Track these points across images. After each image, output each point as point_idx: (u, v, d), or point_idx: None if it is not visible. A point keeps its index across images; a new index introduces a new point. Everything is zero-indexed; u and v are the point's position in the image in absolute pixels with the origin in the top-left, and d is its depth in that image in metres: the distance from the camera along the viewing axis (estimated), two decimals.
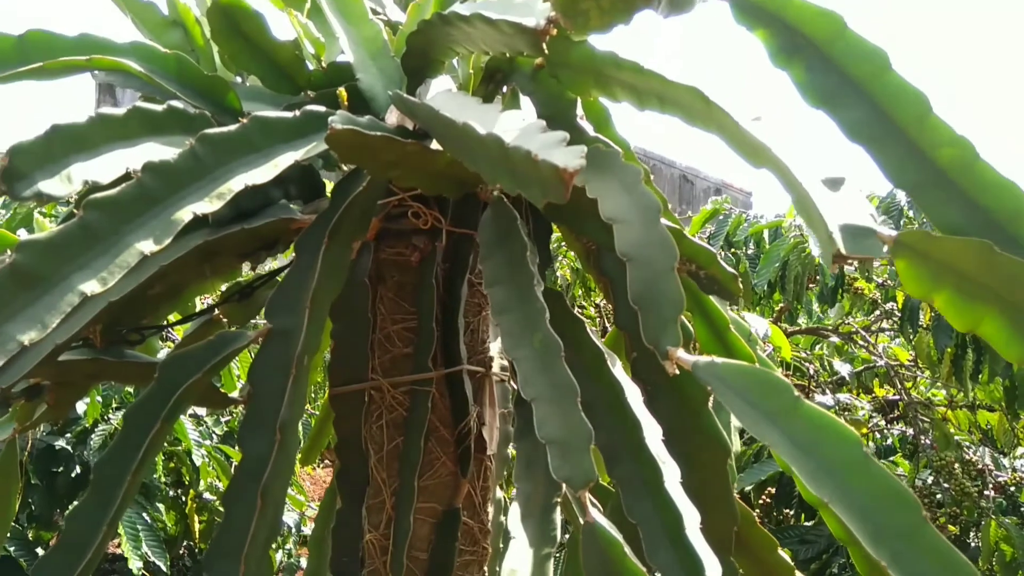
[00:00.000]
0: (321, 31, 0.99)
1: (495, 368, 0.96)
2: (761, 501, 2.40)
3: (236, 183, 0.66)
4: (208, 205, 0.65)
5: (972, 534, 2.54)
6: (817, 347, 2.92)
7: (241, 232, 0.78)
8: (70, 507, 1.99)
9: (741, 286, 0.78)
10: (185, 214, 0.63)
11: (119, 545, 1.85)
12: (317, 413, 1.73)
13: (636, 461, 0.68)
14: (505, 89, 0.99)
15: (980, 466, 2.31)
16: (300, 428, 0.90)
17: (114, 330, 0.88)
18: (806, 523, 2.43)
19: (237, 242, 0.83)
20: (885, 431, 3.33)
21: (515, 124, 0.54)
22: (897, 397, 2.88)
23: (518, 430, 0.73)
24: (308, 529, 2.48)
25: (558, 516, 0.67)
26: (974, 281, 0.58)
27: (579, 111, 0.93)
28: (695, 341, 0.95)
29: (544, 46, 0.63)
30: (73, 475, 2.09)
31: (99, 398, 1.89)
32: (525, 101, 0.96)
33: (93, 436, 2.02)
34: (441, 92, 0.74)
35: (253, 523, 0.64)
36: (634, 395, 0.73)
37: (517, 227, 0.73)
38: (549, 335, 0.65)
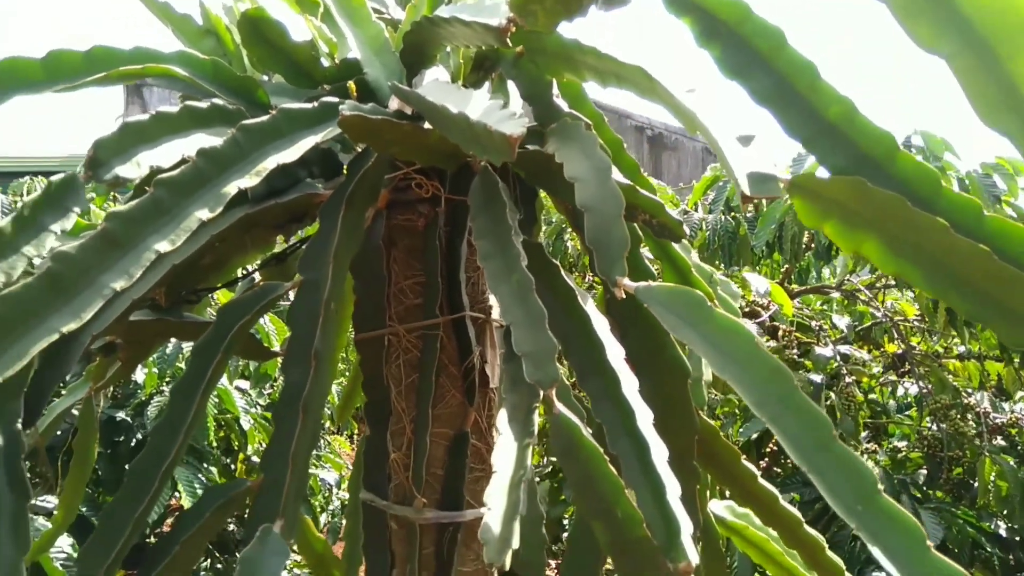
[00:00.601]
0: (333, 32, 1.15)
1: (494, 315, 1.12)
2: (768, 448, 2.54)
3: (269, 162, 0.83)
4: (248, 181, 0.82)
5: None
6: (821, 305, 3.04)
7: (275, 206, 0.95)
8: None
9: (686, 230, 0.93)
10: (231, 188, 0.80)
11: (180, 500, 2.06)
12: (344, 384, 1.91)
13: (600, 375, 0.83)
14: (493, 75, 1.15)
15: (978, 409, 2.42)
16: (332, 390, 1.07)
17: (175, 292, 1.06)
18: None
19: (272, 215, 1.00)
20: (899, 385, 3.43)
21: (481, 105, 0.70)
22: (903, 352, 2.99)
23: (505, 356, 0.89)
24: (345, 493, 2.68)
25: (535, 419, 0.83)
26: (853, 212, 0.73)
27: (555, 91, 1.08)
28: (661, 279, 1.10)
29: (508, 40, 0.79)
30: (133, 443, 2.31)
31: (155, 370, 2.09)
32: (510, 84, 1.12)
33: (150, 407, 2.24)
34: (430, 82, 0.90)
35: (297, 431, 0.81)
36: (601, 325, 0.89)
37: (499, 191, 0.89)
38: (524, 274, 0.80)
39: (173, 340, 1.98)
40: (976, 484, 2.42)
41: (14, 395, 0.78)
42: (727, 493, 1.23)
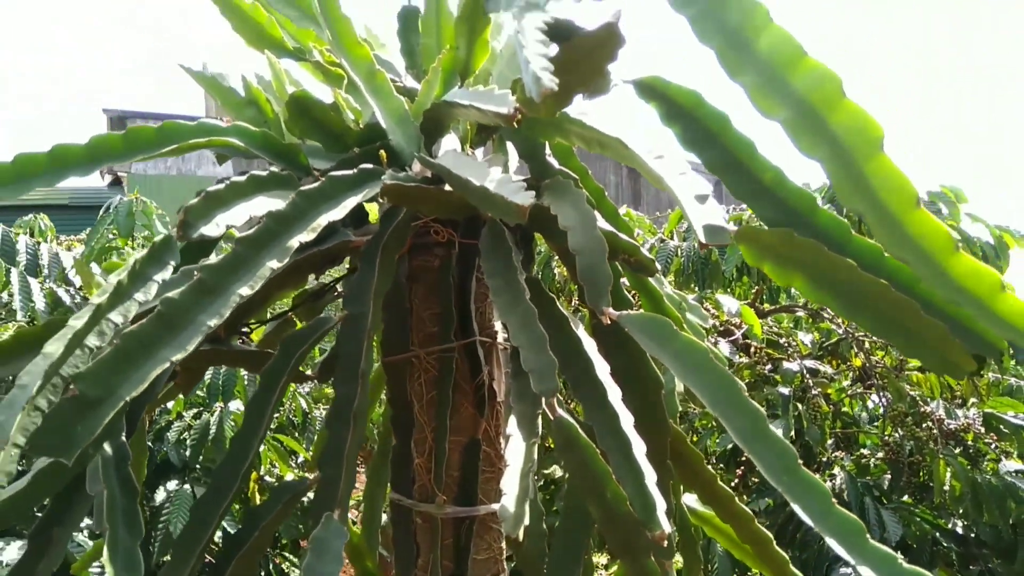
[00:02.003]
0: (358, 102, 1.36)
1: (499, 339, 1.33)
2: (744, 458, 2.75)
3: (322, 220, 1.03)
4: (306, 236, 1.02)
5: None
6: (787, 323, 3.26)
7: (317, 252, 1.16)
8: (154, 493, 2.37)
9: (658, 267, 1.14)
10: (294, 242, 1.00)
11: None
12: None
13: (591, 386, 1.04)
14: (494, 137, 1.36)
15: (933, 416, 2.65)
16: None
17: (231, 326, 1.25)
18: None
19: (313, 259, 1.20)
20: (867, 397, 3.65)
21: (495, 177, 0.91)
22: (868, 365, 3.21)
23: (512, 373, 1.09)
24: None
25: (540, 422, 1.03)
26: (784, 255, 0.94)
27: (547, 150, 1.30)
28: (639, 308, 1.31)
29: (515, 123, 1.00)
30: (153, 467, 2.47)
31: (180, 396, 2.27)
32: (509, 144, 1.34)
33: (170, 433, 2.40)
34: (449, 151, 1.11)
35: (349, 437, 1.01)
36: (590, 345, 1.09)
37: (505, 237, 1.10)
38: (528, 306, 1.01)
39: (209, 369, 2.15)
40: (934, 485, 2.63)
41: (120, 414, 0.97)
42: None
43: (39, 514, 1.09)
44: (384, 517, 1.79)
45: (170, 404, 2.32)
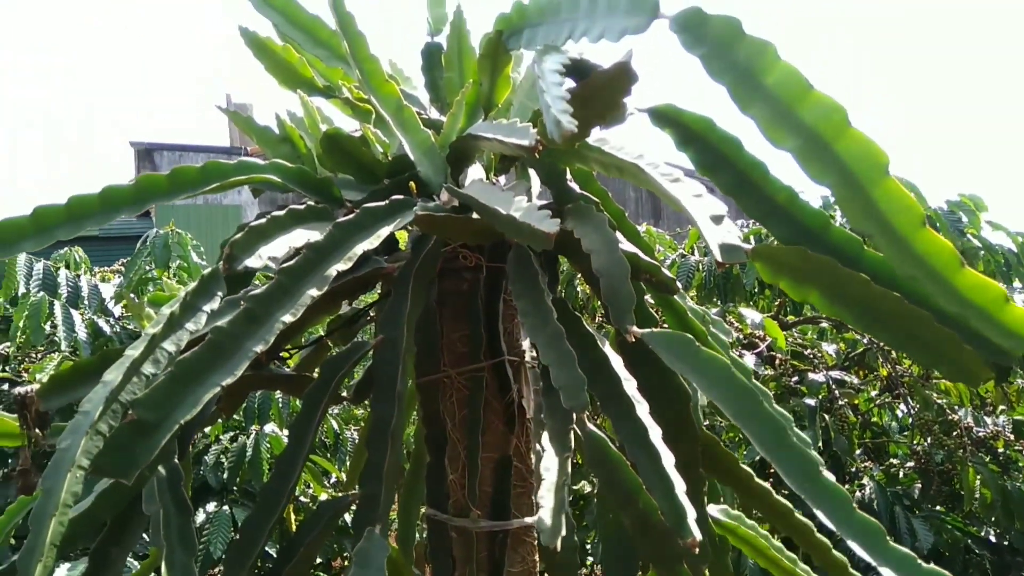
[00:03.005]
0: (386, 135, 1.42)
1: (527, 358, 1.37)
2: (772, 470, 2.76)
3: (357, 249, 1.09)
4: (343, 265, 1.07)
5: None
6: (810, 335, 3.27)
7: (352, 279, 1.22)
8: (196, 513, 2.43)
9: (679, 285, 1.19)
10: (332, 271, 1.06)
11: None
12: None
13: (619, 402, 1.08)
14: (516, 164, 1.42)
15: (961, 424, 2.65)
16: None
17: (271, 352, 1.31)
18: None
19: (347, 286, 1.26)
20: (896, 407, 3.64)
21: (521, 205, 0.96)
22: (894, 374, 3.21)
23: (543, 390, 1.13)
24: None
25: (572, 437, 1.07)
26: (799, 271, 0.98)
27: (568, 176, 1.35)
28: (664, 323, 1.35)
29: (536, 154, 1.05)
30: (192, 490, 2.53)
31: (219, 420, 2.34)
32: (531, 171, 1.39)
33: (208, 455, 2.47)
34: (476, 181, 1.16)
35: (388, 455, 1.06)
36: (617, 362, 1.14)
37: (531, 261, 1.15)
38: (556, 326, 1.06)
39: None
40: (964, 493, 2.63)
41: (175, 437, 1.03)
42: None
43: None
44: (418, 535, 1.84)
45: (207, 428, 2.39)
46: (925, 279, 0.76)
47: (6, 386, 2.48)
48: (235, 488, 2.49)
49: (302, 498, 2.62)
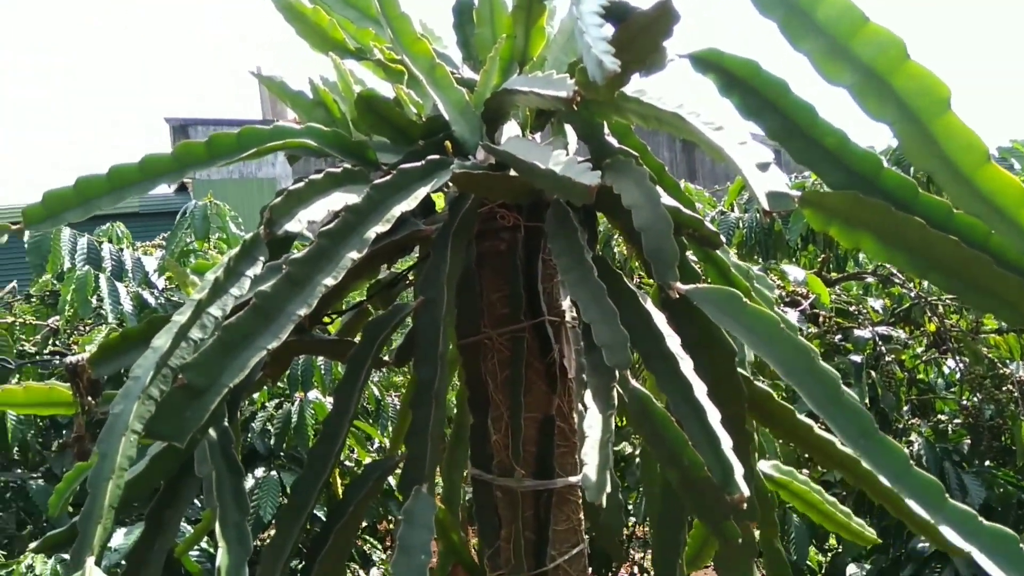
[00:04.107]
0: (420, 95, 1.40)
1: (567, 317, 1.36)
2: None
3: (396, 210, 1.08)
4: (382, 227, 1.07)
5: None
6: (856, 290, 3.20)
7: (390, 243, 1.21)
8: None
9: (722, 239, 1.16)
10: (371, 233, 1.05)
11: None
12: None
13: (662, 359, 1.06)
14: (552, 120, 1.39)
15: (1014, 378, 2.58)
16: None
17: (314, 317, 1.32)
18: None
19: (387, 249, 1.25)
20: (943, 363, 3.56)
21: (560, 159, 0.94)
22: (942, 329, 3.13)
23: (584, 348, 1.12)
24: None
25: (615, 394, 1.06)
26: (850, 217, 0.95)
27: (606, 130, 1.32)
28: (706, 279, 1.32)
29: (575, 105, 1.03)
30: (240, 456, 2.59)
31: (265, 387, 2.38)
32: (568, 127, 1.36)
33: (254, 423, 2.52)
34: (512, 138, 1.14)
35: (432, 416, 1.06)
36: (659, 319, 1.12)
37: (570, 218, 1.13)
38: (597, 283, 1.04)
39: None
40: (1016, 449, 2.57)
41: (222, 401, 1.04)
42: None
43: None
44: (462, 498, 1.85)
45: (255, 395, 2.43)
46: (991, 217, 0.73)
47: (57, 359, 2.55)
48: (282, 453, 2.54)
49: (347, 463, 2.66)
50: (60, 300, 2.32)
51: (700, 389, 1.02)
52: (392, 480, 2.80)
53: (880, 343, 2.78)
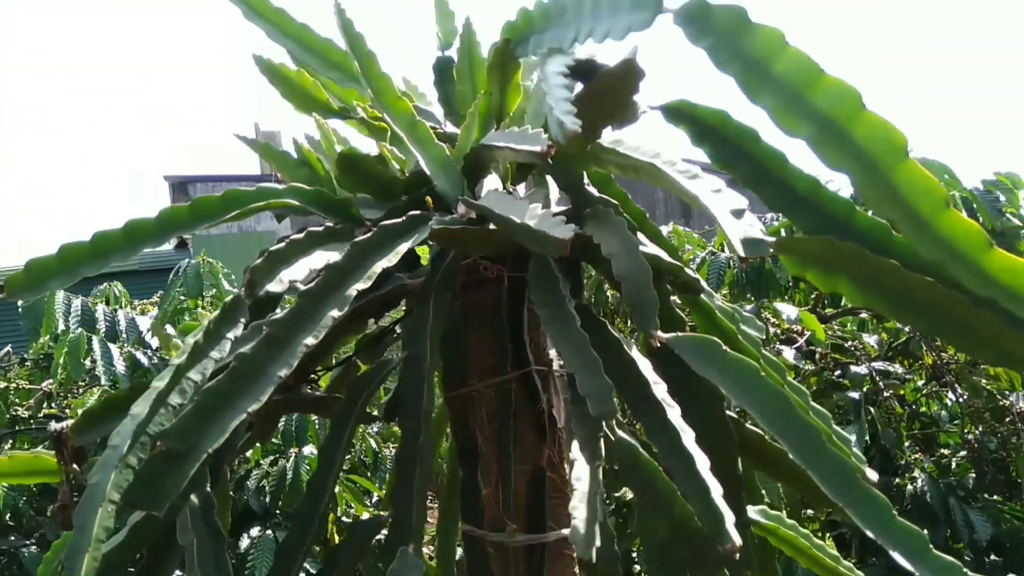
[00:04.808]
0: (402, 152, 1.42)
1: (555, 366, 1.36)
2: None
3: (376, 267, 1.08)
4: (362, 284, 1.07)
5: None
6: (850, 326, 3.20)
7: (374, 298, 1.21)
8: (239, 540, 2.46)
9: (703, 284, 1.16)
10: (352, 291, 1.05)
11: None
12: None
13: (648, 405, 1.06)
14: (534, 172, 1.41)
15: (1014, 409, 2.56)
16: None
17: (300, 375, 1.31)
18: None
19: (371, 304, 1.26)
20: (945, 396, 3.54)
21: (536, 213, 0.95)
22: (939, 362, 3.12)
23: (571, 399, 1.12)
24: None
25: (601, 445, 1.05)
26: (826, 261, 0.95)
27: (586, 179, 1.34)
28: (691, 326, 1.32)
29: (549, 159, 1.04)
30: (236, 515, 2.56)
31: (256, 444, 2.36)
32: (549, 178, 1.38)
33: (249, 481, 2.49)
34: (491, 192, 1.15)
35: (417, 474, 1.05)
36: (645, 366, 1.11)
37: (552, 268, 1.13)
38: (579, 333, 1.04)
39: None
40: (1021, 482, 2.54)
41: (204, 465, 1.03)
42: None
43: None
44: (459, 551, 1.82)
45: (248, 453, 2.41)
46: (952, 263, 0.73)
47: (52, 422, 2.53)
48: (278, 511, 2.51)
49: (344, 518, 2.63)
50: (53, 363, 2.32)
51: (688, 436, 1.01)
52: None
53: (878, 378, 2.77)
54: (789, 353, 2.96)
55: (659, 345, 1.01)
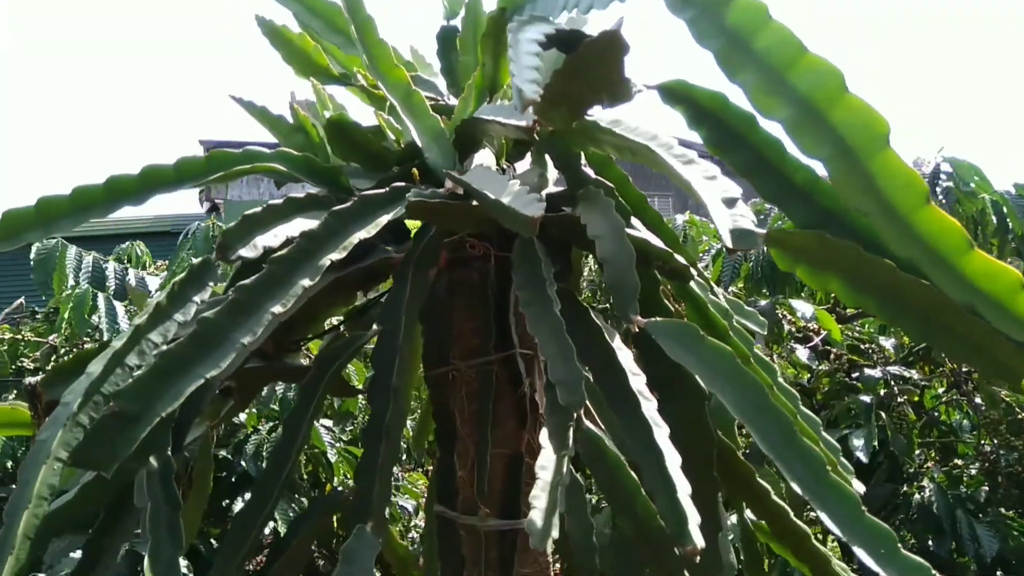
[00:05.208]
0: (398, 122, 1.38)
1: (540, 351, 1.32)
2: None
3: (353, 238, 1.05)
4: (338, 254, 1.04)
5: None
6: (867, 328, 3.11)
7: (357, 270, 1.18)
8: (233, 504, 2.47)
9: (693, 272, 1.11)
10: (326, 261, 1.02)
11: (277, 531, 2.29)
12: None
13: (623, 397, 1.02)
14: (532, 149, 1.36)
15: None
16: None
17: (279, 344, 1.29)
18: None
19: (354, 276, 1.23)
20: (963, 404, 3.43)
21: (513, 189, 0.91)
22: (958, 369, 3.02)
23: (546, 385, 1.08)
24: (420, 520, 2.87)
25: (571, 435, 1.02)
26: (818, 258, 0.90)
27: (583, 160, 1.29)
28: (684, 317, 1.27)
29: (535, 135, 1.00)
30: (233, 479, 2.57)
31: (254, 411, 2.36)
32: (547, 157, 1.33)
33: (248, 445, 2.49)
34: (476, 167, 1.11)
35: (381, 450, 1.02)
36: (625, 356, 1.07)
37: (535, 249, 1.09)
38: (556, 318, 1.00)
39: (267, 385, 2.22)
40: None
41: (166, 429, 1.01)
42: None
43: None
44: None
45: (243, 418, 2.41)
46: (927, 262, 0.68)
47: (28, 377, 2.55)
48: None
49: (340, 488, 2.62)
50: (58, 318, 2.33)
51: (662, 431, 0.97)
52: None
53: (893, 383, 2.69)
54: (803, 352, 2.89)
55: (637, 330, 0.96)
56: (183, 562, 1.98)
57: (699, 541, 0.86)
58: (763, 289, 2.65)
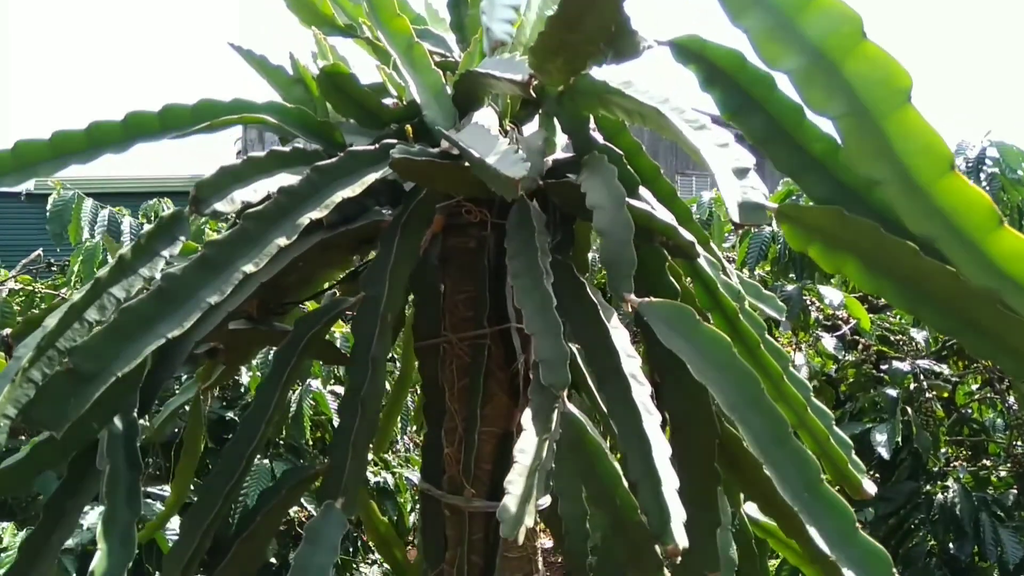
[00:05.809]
0: (400, 78, 1.31)
1: None
2: None
3: (336, 196, 0.99)
4: (319, 213, 0.98)
5: None
6: (899, 319, 2.98)
7: (346, 231, 1.12)
8: None
9: (700, 249, 1.03)
10: (304, 219, 0.96)
11: None
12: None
13: (616, 381, 0.94)
14: (540, 111, 1.28)
15: None
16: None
17: (266, 307, 1.24)
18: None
19: (344, 239, 1.16)
20: (997, 403, 3.30)
21: (500, 149, 0.83)
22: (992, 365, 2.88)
23: (532, 364, 1.01)
24: None
25: (555, 417, 0.95)
26: (834, 236, 0.81)
27: (592, 125, 1.20)
28: (695, 298, 1.19)
29: (532, 90, 0.92)
30: None
31: (259, 373, 2.33)
32: (556, 121, 1.25)
33: None
34: (469, 126, 1.04)
35: (356, 423, 0.96)
36: (620, 336, 0.99)
37: (530, 217, 1.01)
38: (546, 291, 0.93)
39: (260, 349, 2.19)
40: None
41: (132, 389, 0.96)
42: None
43: None
44: None
45: (246, 381, 2.38)
46: (947, 240, 0.59)
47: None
48: (280, 441, 2.49)
49: None
50: (68, 270, 2.32)
51: (652, 419, 0.90)
52: (391, 480, 2.72)
53: (922, 377, 2.57)
54: (830, 341, 2.78)
55: (630, 310, 0.89)
56: (177, 520, 1.96)
57: (682, 541, 0.79)
58: (790, 273, 2.54)
